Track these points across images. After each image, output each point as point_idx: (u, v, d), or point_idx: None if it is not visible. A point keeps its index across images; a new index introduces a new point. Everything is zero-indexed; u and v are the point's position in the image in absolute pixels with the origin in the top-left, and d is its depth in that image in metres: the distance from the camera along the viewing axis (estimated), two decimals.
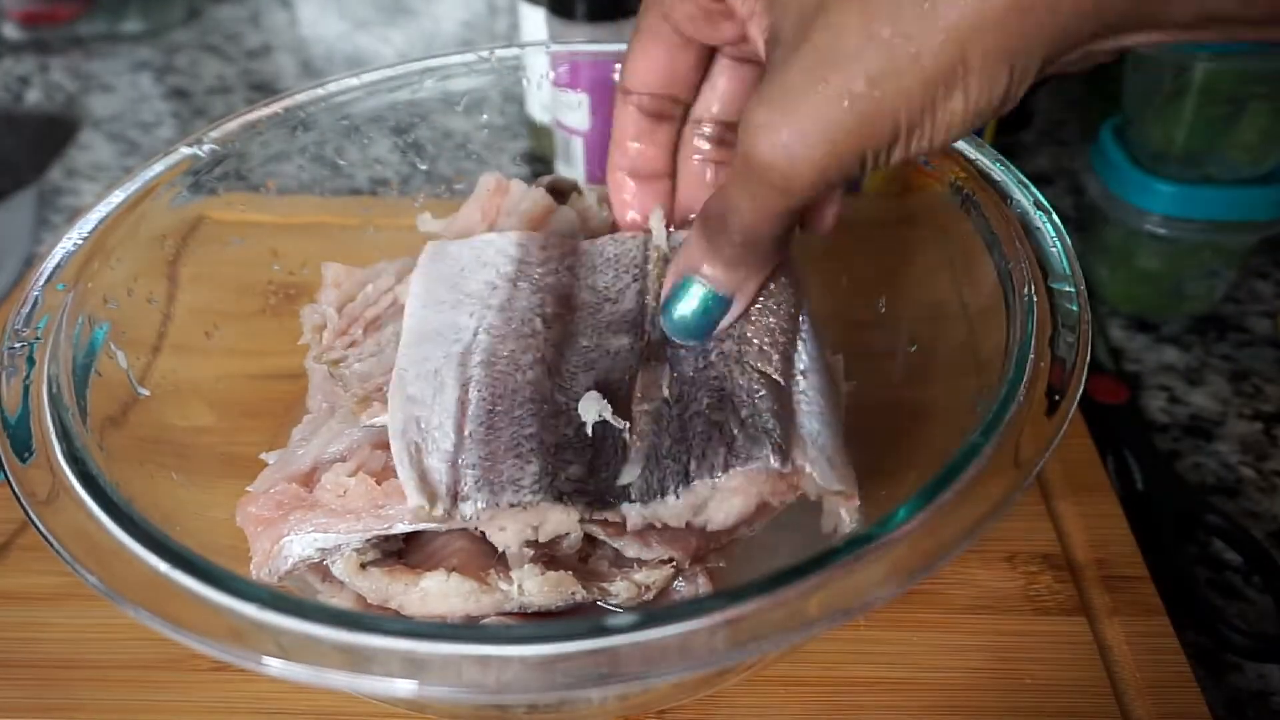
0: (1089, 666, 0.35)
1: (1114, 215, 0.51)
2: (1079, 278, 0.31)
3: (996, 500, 0.25)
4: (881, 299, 0.41)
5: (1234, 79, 0.46)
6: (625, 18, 0.54)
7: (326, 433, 0.35)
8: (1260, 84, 0.46)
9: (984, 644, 0.36)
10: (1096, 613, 0.37)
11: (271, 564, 0.32)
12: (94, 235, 0.38)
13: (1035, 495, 0.41)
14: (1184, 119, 0.48)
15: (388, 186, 0.65)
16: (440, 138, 0.69)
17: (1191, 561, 0.41)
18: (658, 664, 0.23)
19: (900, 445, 0.37)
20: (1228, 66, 0.46)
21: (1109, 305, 0.55)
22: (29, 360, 0.32)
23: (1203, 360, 0.51)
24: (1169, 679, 0.34)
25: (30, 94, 0.77)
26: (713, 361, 0.31)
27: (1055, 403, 0.28)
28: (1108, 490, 0.41)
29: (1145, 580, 0.38)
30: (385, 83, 0.53)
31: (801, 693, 0.34)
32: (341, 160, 0.64)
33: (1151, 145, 0.50)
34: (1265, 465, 0.45)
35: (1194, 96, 0.47)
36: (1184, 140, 0.48)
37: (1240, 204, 0.49)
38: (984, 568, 0.38)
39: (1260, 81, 0.46)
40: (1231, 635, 0.37)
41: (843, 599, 0.24)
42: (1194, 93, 0.47)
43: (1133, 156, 0.50)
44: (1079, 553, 0.39)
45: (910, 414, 0.39)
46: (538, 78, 0.61)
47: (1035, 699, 0.34)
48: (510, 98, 0.74)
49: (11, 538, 0.41)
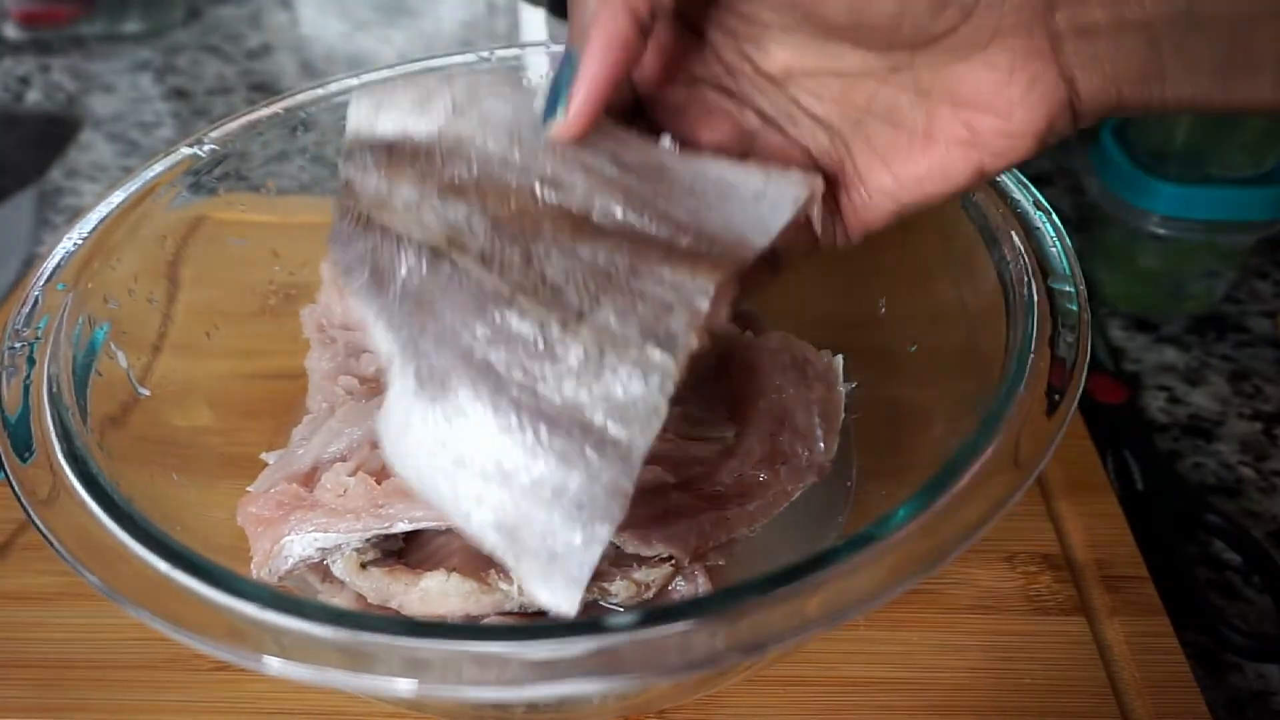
0: (1089, 666, 0.35)
1: (1114, 215, 0.51)
2: (1079, 277, 0.31)
3: (996, 500, 0.25)
4: (882, 299, 0.41)
5: None
6: None
7: (326, 432, 0.36)
8: None
9: (984, 644, 0.36)
10: (1096, 613, 0.37)
11: (272, 563, 0.32)
12: (94, 235, 0.38)
13: (1035, 495, 0.41)
14: (1183, 118, 0.48)
15: None
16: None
17: (1191, 561, 0.41)
18: (658, 664, 0.23)
19: (900, 445, 0.38)
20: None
21: (1109, 305, 0.55)
22: (29, 360, 0.33)
23: (1203, 360, 0.51)
24: (1169, 679, 0.34)
25: (30, 94, 0.77)
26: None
27: (1055, 403, 0.28)
28: (1108, 490, 0.41)
29: (1145, 580, 0.38)
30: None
31: (801, 693, 0.34)
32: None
33: (1151, 145, 0.50)
34: (1265, 465, 0.45)
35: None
36: (1184, 140, 0.48)
37: (1240, 204, 0.49)
38: (984, 568, 0.38)
39: None
40: (1231, 635, 0.37)
41: (843, 599, 0.24)
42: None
43: (1133, 157, 0.50)
44: (1079, 553, 0.39)
45: (910, 414, 0.39)
46: (538, 78, 0.61)
47: (1035, 699, 0.34)
48: None
49: (12, 537, 0.41)
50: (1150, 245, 0.51)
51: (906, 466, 0.36)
